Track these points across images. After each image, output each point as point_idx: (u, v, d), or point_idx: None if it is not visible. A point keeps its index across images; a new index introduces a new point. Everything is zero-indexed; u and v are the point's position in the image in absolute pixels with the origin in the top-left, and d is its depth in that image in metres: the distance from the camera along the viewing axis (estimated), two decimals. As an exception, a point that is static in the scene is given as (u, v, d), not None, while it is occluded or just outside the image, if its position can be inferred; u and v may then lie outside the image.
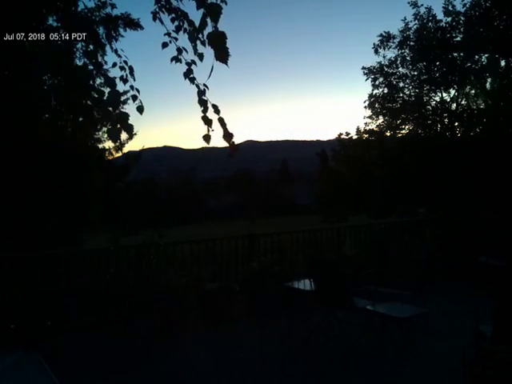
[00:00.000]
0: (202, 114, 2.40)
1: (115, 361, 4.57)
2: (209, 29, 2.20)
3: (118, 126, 2.31)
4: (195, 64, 2.41)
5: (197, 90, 2.41)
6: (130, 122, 2.31)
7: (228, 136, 2.39)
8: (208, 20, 2.18)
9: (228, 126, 2.39)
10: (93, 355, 4.69)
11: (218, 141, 2.46)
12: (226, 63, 2.13)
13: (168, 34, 2.43)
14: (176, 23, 2.43)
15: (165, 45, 2.42)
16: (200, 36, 2.26)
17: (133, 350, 4.83)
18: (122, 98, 8.15)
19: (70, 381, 3.93)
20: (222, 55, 2.12)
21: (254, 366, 4.40)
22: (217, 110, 2.37)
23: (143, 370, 4.33)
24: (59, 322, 5.10)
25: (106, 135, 13.69)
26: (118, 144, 11.64)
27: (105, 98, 2.34)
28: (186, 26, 2.40)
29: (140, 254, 5.56)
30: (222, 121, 2.37)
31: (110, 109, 2.34)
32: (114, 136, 2.31)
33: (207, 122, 2.39)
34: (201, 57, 2.37)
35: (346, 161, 18.49)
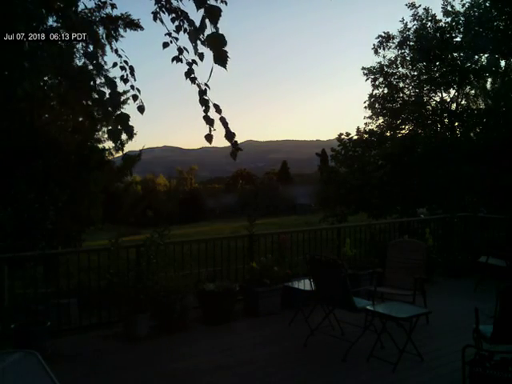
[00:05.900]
0: (204, 114, 2.37)
1: (115, 361, 4.57)
2: (209, 30, 2.17)
3: (119, 127, 2.30)
4: (196, 64, 2.39)
5: (198, 89, 2.39)
6: (130, 123, 2.30)
7: (230, 135, 2.36)
8: (208, 22, 2.15)
9: (229, 126, 2.36)
10: (92, 355, 4.69)
11: (218, 140, 2.45)
12: (224, 66, 2.08)
13: (169, 34, 2.42)
14: (176, 23, 2.43)
15: (166, 45, 2.41)
16: (200, 37, 2.23)
17: (133, 350, 4.83)
18: (122, 98, 8.16)
19: (70, 381, 3.94)
20: (221, 58, 2.07)
21: (254, 365, 4.40)
22: (218, 110, 2.34)
23: (143, 370, 4.33)
24: (59, 322, 5.11)
25: (106, 135, 13.71)
26: (118, 144, 11.69)
27: (105, 98, 2.33)
28: (186, 26, 2.40)
29: (140, 254, 5.56)
30: (223, 120, 2.34)
31: (110, 109, 2.33)
32: (114, 137, 2.30)
33: (209, 121, 2.36)
34: (201, 57, 2.35)
35: (346, 161, 18.41)
